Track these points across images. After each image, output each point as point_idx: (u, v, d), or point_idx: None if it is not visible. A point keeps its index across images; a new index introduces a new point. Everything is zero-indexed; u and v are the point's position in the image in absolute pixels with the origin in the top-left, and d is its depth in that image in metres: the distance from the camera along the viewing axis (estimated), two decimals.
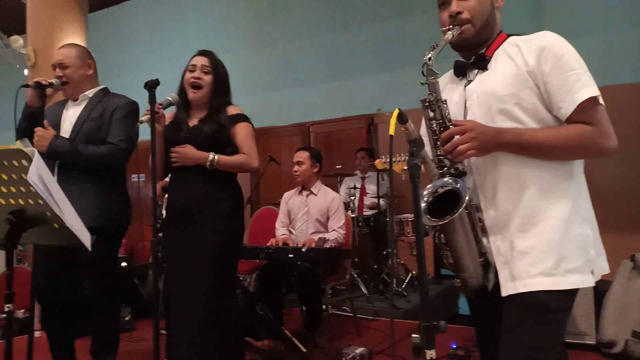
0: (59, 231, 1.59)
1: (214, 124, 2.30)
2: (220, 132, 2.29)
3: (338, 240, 3.31)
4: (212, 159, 2.24)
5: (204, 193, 2.27)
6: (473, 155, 1.29)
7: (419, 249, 1.18)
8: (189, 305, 2.21)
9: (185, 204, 2.29)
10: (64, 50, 2.59)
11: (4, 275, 4.41)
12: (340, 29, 6.05)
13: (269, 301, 3.16)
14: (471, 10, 1.38)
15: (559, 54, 1.29)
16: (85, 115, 2.52)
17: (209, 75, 2.32)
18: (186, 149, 2.25)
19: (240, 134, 2.34)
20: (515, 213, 1.32)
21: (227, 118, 2.34)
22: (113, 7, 7.66)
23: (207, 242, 2.23)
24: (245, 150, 2.34)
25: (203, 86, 2.31)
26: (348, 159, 5.69)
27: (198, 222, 2.26)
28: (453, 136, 1.29)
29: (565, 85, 1.28)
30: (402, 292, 4.28)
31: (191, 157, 2.24)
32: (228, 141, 2.32)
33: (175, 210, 2.33)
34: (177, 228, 2.30)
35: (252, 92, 6.49)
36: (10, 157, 1.45)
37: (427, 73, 1.34)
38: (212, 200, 2.28)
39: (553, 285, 1.26)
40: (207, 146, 2.26)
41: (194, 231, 2.25)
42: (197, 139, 2.27)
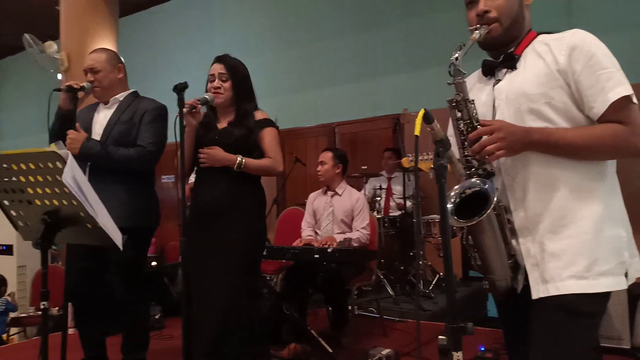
0: (92, 231, 1.63)
1: (243, 128, 2.35)
2: (249, 136, 2.34)
3: (361, 240, 3.30)
4: (240, 162, 2.28)
5: (229, 194, 2.32)
6: (502, 155, 1.26)
7: (446, 250, 1.17)
8: (213, 301, 2.25)
9: (211, 204, 2.33)
10: (94, 55, 2.66)
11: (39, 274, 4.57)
12: (366, 29, 6.04)
13: (295, 301, 3.18)
14: (499, 8, 1.35)
15: (590, 53, 1.26)
16: (116, 118, 2.58)
17: (228, 82, 2.36)
18: (215, 150, 2.30)
19: (267, 139, 2.38)
20: (545, 214, 1.30)
21: (255, 123, 2.38)
22: (142, 12, 7.84)
23: (231, 240, 2.27)
24: (271, 155, 2.38)
25: (223, 93, 2.36)
26: (373, 160, 5.66)
27: (222, 221, 2.30)
28: (481, 136, 1.28)
29: (597, 84, 1.25)
30: (429, 294, 4.23)
31: (220, 159, 2.29)
32: (255, 145, 2.37)
33: (200, 209, 2.37)
34: (202, 226, 2.34)
35: (277, 93, 6.53)
36: (45, 159, 1.50)
37: (454, 73, 1.32)
38: (236, 201, 2.32)
39: (585, 288, 1.23)
40: (236, 149, 2.31)
41: (219, 230, 2.30)
42: (227, 141, 2.32)
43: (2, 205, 1.71)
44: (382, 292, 4.23)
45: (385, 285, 4.33)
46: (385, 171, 5.27)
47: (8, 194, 1.65)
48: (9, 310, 4.28)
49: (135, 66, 6.52)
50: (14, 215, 1.72)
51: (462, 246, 1.40)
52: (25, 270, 5.01)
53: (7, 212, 1.72)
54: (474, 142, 1.29)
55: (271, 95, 6.47)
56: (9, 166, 1.57)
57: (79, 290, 2.51)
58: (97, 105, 2.71)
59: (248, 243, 2.31)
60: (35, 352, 1.63)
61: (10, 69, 10.20)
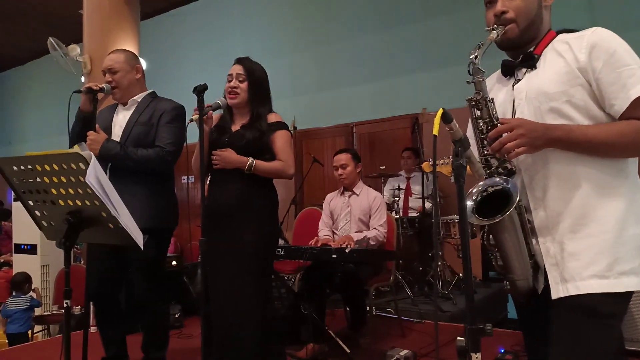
0: (113, 231, 1.66)
1: (255, 130, 2.38)
2: (261, 139, 2.37)
3: (378, 239, 3.28)
4: (250, 164, 2.31)
5: (241, 195, 2.35)
6: (523, 152, 1.25)
7: (465, 251, 1.16)
8: (226, 302, 2.28)
9: (222, 205, 2.36)
10: (112, 55, 2.69)
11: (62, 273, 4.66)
12: (384, 29, 6.02)
13: (313, 301, 3.18)
14: (516, 9, 1.35)
15: (611, 50, 1.24)
16: (134, 119, 2.61)
17: (245, 83, 2.39)
18: (227, 152, 2.33)
19: (278, 142, 2.41)
20: (566, 213, 1.28)
21: (268, 125, 2.40)
22: (163, 14, 7.95)
23: (243, 242, 2.30)
24: (282, 157, 2.40)
25: (239, 93, 2.39)
26: (392, 160, 5.64)
27: (234, 222, 2.33)
28: (501, 134, 1.26)
29: (618, 81, 1.23)
30: (448, 295, 4.20)
31: (231, 160, 2.33)
32: (266, 147, 2.39)
33: (212, 210, 2.40)
34: (214, 227, 2.36)
35: (296, 93, 6.55)
36: (69, 160, 1.54)
37: (473, 72, 1.32)
38: (247, 202, 2.35)
39: (607, 287, 1.21)
40: (247, 151, 2.34)
41: (230, 231, 2.33)
42: (239, 144, 2.35)
43: (27, 205, 1.75)
44: (400, 292, 4.21)
45: (403, 286, 4.30)
46: (404, 171, 5.25)
47: (32, 194, 1.69)
48: (33, 306, 4.38)
49: (156, 68, 6.63)
50: (38, 215, 1.76)
51: (482, 247, 1.39)
52: (48, 270, 5.12)
53: (31, 212, 1.76)
54: (493, 140, 1.28)
55: (289, 96, 6.50)
56: (33, 167, 1.61)
57: (100, 290, 2.55)
58: (116, 106, 2.75)
59: (259, 244, 2.34)
60: (58, 350, 1.66)
61: (33, 72, 10.44)
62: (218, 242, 2.32)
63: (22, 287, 4.38)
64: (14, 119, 11.06)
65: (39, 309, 4.56)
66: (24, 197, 1.72)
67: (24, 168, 1.64)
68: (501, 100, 1.41)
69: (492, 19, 1.38)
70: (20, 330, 4.22)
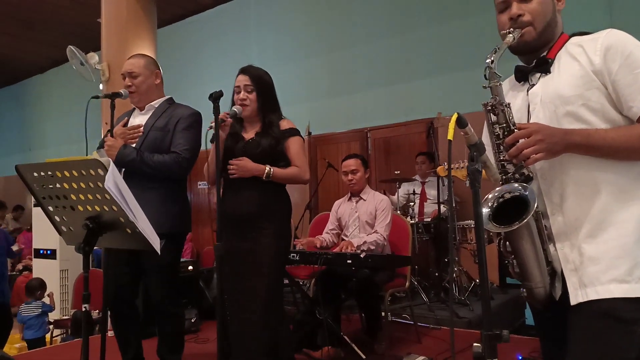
0: (131, 236, 1.68)
1: (270, 138, 2.40)
2: (276, 146, 2.39)
3: (377, 242, 3.25)
4: (268, 172, 2.34)
5: (258, 201, 2.37)
6: (541, 158, 1.23)
7: (481, 256, 1.15)
8: (247, 305, 2.30)
9: (239, 211, 2.39)
10: (133, 60, 2.72)
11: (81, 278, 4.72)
12: (399, 33, 6.01)
13: (328, 306, 3.18)
14: (533, 12, 1.33)
15: (627, 52, 1.23)
16: (151, 124, 2.63)
17: (253, 93, 2.41)
18: (244, 161, 2.36)
19: (292, 148, 2.43)
20: (585, 218, 1.26)
21: (281, 132, 2.42)
22: (179, 22, 8.05)
23: (261, 247, 2.32)
24: (297, 164, 2.42)
25: (249, 104, 2.41)
26: (407, 164, 5.62)
27: (252, 228, 2.36)
28: (518, 140, 1.25)
29: (635, 83, 1.21)
30: (465, 301, 4.16)
31: (249, 169, 2.35)
32: (282, 154, 2.42)
33: (228, 216, 2.41)
34: (231, 233, 2.39)
35: (311, 98, 6.57)
36: (88, 166, 1.56)
37: (489, 76, 1.30)
38: (265, 208, 2.38)
39: (627, 292, 1.19)
40: (263, 159, 2.36)
41: (248, 237, 2.35)
42: (254, 152, 2.38)
43: (47, 211, 1.78)
44: (416, 298, 4.18)
45: (419, 291, 4.27)
46: (418, 175, 5.22)
47: (52, 200, 1.73)
48: (46, 312, 4.44)
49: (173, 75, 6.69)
50: (58, 220, 1.79)
51: (499, 252, 1.37)
52: (67, 274, 5.19)
53: (51, 218, 1.80)
54: (510, 146, 1.26)
55: (304, 101, 6.52)
56: (53, 174, 1.64)
57: (117, 295, 2.58)
58: (133, 111, 2.78)
59: (275, 250, 2.36)
60: (76, 353, 1.68)
61: (53, 80, 10.64)
62: (235, 248, 2.34)
63: (35, 293, 4.44)
64: (34, 125, 11.28)
65: (55, 313, 4.62)
66: (44, 202, 1.76)
67: (44, 174, 1.67)
68: (517, 106, 1.39)
69: (506, 22, 1.36)
70: (36, 336, 4.28)
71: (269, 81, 2.47)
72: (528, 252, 1.28)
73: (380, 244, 3.26)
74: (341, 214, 3.60)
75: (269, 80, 2.48)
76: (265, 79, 2.46)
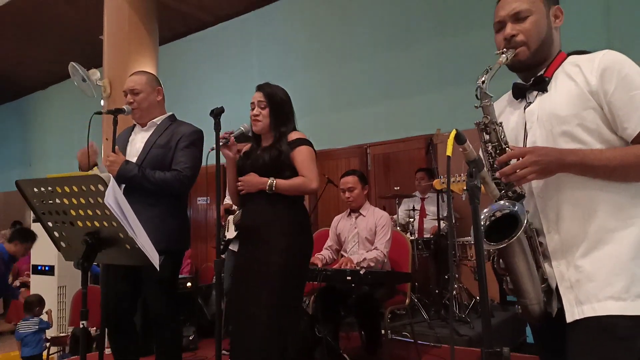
0: (130, 252, 1.68)
1: (274, 150, 2.41)
2: (279, 158, 2.39)
3: (377, 259, 3.23)
4: (271, 183, 2.34)
5: (269, 214, 2.37)
6: (534, 178, 1.25)
7: (481, 273, 1.15)
8: (255, 321, 2.26)
9: (252, 225, 2.40)
10: (135, 77, 2.73)
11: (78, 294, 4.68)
12: (399, 50, 6.06)
13: (328, 323, 3.16)
14: (526, 32, 1.36)
15: (623, 73, 1.24)
16: (153, 141, 2.64)
17: (266, 109, 2.44)
18: (249, 176, 2.38)
19: (298, 158, 2.42)
20: (581, 237, 1.27)
21: (287, 144, 2.43)
22: (181, 39, 8.12)
23: (272, 260, 2.31)
24: (303, 173, 2.41)
25: (261, 120, 2.44)
26: (406, 180, 5.62)
27: (264, 241, 2.35)
28: (510, 159, 1.26)
29: (631, 104, 1.22)
30: (465, 318, 4.12)
31: (253, 183, 2.37)
32: (287, 165, 2.41)
33: (244, 230, 2.45)
34: (246, 247, 2.42)
35: (310, 114, 6.59)
36: (88, 182, 1.57)
37: (481, 96, 1.32)
38: (274, 221, 2.37)
39: (624, 310, 1.19)
40: (266, 172, 2.37)
41: (261, 250, 2.34)
42: (257, 165, 2.40)
43: (46, 226, 1.78)
44: (416, 315, 4.15)
45: (419, 309, 4.24)
46: (418, 192, 5.22)
47: (52, 215, 1.73)
48: (43, 329, 4.40)
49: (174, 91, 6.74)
50: (57, 236, 1.79)
51: (493, 270, 1.37)
52: (65, 291, 5.16)
53: (50, 233, 1.80)
54: (502, 164, 1.28)
55: (304, 117, 6.48)
56: (53, 189, 1.65)
57: (115, 311, 2.56)
58: (134, 127, 2.79)
59: (290, 264, 2.34)
60: None
61: (54, 96, 10.70)
62: (249, 261, 2.36)
63: (33, 309, 4.40)
64: (35, 141, 11.30)
65: (52, 330, 4.57)
66: (44, 218, 1.76)
67: (45, 190, 1.67)
68: (513, 123, 1.41)
69: (502, 42, 1.39)
70: (33, 353, 4.23)
71: (283, 97, 2.50)
72: (521, 269, 1.29)
73: (380, 260, 3.24)
74: (340, 230, 3.59)
75: (283, 97, 2.50)
76: (279, 95, 2.48)
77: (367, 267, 3.12)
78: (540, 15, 1.36)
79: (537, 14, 1.36)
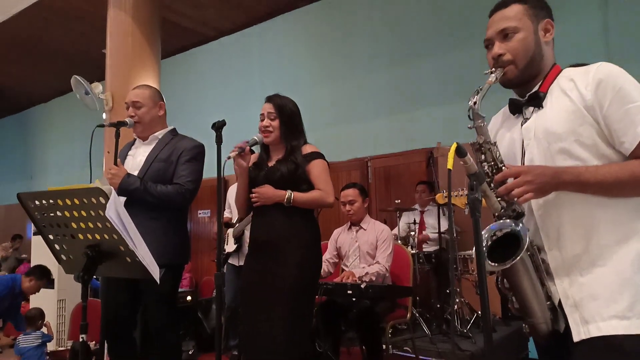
0: (131, 264, 1.68)
1: (290, 163, 2.41)
2: (296, 171, 2.40)
3: (379, 273, 3.21)
4: (289, 196, 2.34)
5: (284, 228, 2.37)
6: (530, 198, 1.24)
7: (482, 287, 1.14)
8: (270, 334, 2.25)
9: (266, 238, 2.39)
10: (138, 90, 2.74)
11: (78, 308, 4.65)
12: (400, 65, 6.11)
13: (328, 338, 3.13)
14: (513, 51, 1.36)
15: (617, 86, 1.23)
16: (154, 155, 2.64)
17: (276, 120, 2.44)
18: (265, 188, 2.37)
19: (314, 171, 2.43)
20: (582, 254, 1.26)
21: (303, 157, 2.44)
22: (183, 53, 8.19)
23: (288, 273, 2.30)
24: (320, 187, 2.42)
25: (272, 131, 2.44)
26: (407, 194, 5.62)
27: (279, 254, 2.34)
28: (507, 178, 1.26)
29: (626, 118, 1.22)
30: (467, 333, 4.09)
31: (269, 196, 2.36)
32: (304, 179, 2.42)
33: (257, 243, 2.44)
34: (259, 260, 2.39)
35: (312, 128, 6.51)
36: (90, 194, 1.57)
37: (473, 117, 1.32)
38: (291, 234, 2.37)
39: (629, 329, 1.17)
40: (284, 185, 2.37)
41: (275, 263, 2.34)
42: (274, 178, 2.39)
43: (47, 239, 1.78)
44: (417, 330, 4.11)
45: (421, 323, 4.21)
46: (418, 204, 5.22)
47: (53, 228, 1.72)
48: (45, 342, 4.36)
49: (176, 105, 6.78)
50: (58, 249, 1.79)
51: (498, 290, 1.37)
52: (65, 304, 5.13)
53: (51, 246, 1.79)
54: (499, 183, 1.28)
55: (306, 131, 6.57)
56: (55, 202, 1.65)
57: (115, 325, 2.54)
58: (134, 141, 2.79)
59: (304, 276, 2.34)
60: None
61: (56, 110, 10.75)
62: (263, 274, 2.34)
63: (36, 322, 4.37)
64: (36, 153, 11.33)
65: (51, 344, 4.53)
66: (45, 231, 1.76)
67: (46, 202, 1.67)
68: (511, 140, 1.41)
69: (491, 61, 1.39)
70: None
71: (293, 109, 2.51)
72: (526, 288, 1.28)
73: (382, 274, 3.23)
74: (341, 244, 3.58)
75: (293, 108, 2.51)
76: (289, 107, 2.49)
77: (368, 281, 3.11)
78: (527, 32, 1.36)
79: (523, 31, 1.36)
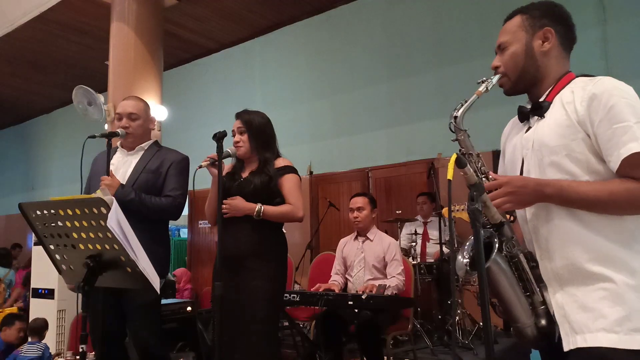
0: (131, 274, 1.67)
1: (263, 176, 2.44)
2: (269, 184, 2.42)
3: (398, 287, 3.23)
4: (259, 209, 2.36)
5: (252, 241, 2.38)
6: (509, 208, 1.28)
7: (483, 298, 1.14)
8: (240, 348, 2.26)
9: (235, 251, 2.38)
10: (132, 102, 2.73)
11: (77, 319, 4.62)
12: (400, 76, 6.14)
13: (329, 350, 3.11)
14: (505, 64, 1.42)
15: (609, 104, 1.23)
16: (142, 166, 2.62)
17: (245, 134, 2.50)
18: (236, 200, 2.39)
19: (286, 185, 2.46)
20: (572, 266, 1.26)
21: (275, 170, 2.46)
22: (185, 65, 8.24)
23: (256, 286, 2.32)
24: (291, 201, 2.44)
25: (242, 145, 2.49)
26: (408, 204, 5.62)
27: (247, 268, 2.35)
28: (489, 190, 1.29)
29: (613, 138, 1.22)
30: (469, 345, 4.06)
31: (240, 208, 2.38)
32: (276, 192, 2.44)
33: (225, 256, 2.40)
34: (228, 274, 2.36)
35: (313, 139, 6.64)
36: (91, 205, 1.57)
37: (454, 130, 1.37)
38: (258, 247, 2.38)
39: (615, 343, 1.17)
40: (256, 197, 2.39)
41: (243, 277, 2.34)
42: (246, 190, 2.41)
43: (48, 249, 1.78)
44: (419, 342, 4.09)
45: (422, 335, 4.18)
46: (420, 216, 5.21)
47: (54, 238, 1.72)
48: (46, 356, 4.33)
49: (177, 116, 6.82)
50: (59, 259, 1.78)
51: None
52: (64, 315, 5.11)
53: (52, 256, 1.79)
54: None
55: (307, 142, 6.59)
56: (56, 212, 1.65)
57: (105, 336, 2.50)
58: (114, 150, 2.73)
59: (273, 288, 2.36)
60: None
61: (58, 121, 10.79)
62: (231, 287, 2.32)
63: (41, 333, 4.34)
64: (38, 165, 11.36)
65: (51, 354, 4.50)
66: (46, 241, 1.76)
67: (47, 212, 1.67)
68: (513, 148, 1.44)
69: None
70: None
71: (262, 122, 2.54)
72: (506, 293, 1.31)
73: (400, 289, 3.26)
74: (347, 254, 3.57)
75: (262, 121, 2.54)
76: (257, 120, 2.53)
77: (391, 294, 3.13)
78: (519, 45, 1.40)
79: (515, 44, 1.40)
